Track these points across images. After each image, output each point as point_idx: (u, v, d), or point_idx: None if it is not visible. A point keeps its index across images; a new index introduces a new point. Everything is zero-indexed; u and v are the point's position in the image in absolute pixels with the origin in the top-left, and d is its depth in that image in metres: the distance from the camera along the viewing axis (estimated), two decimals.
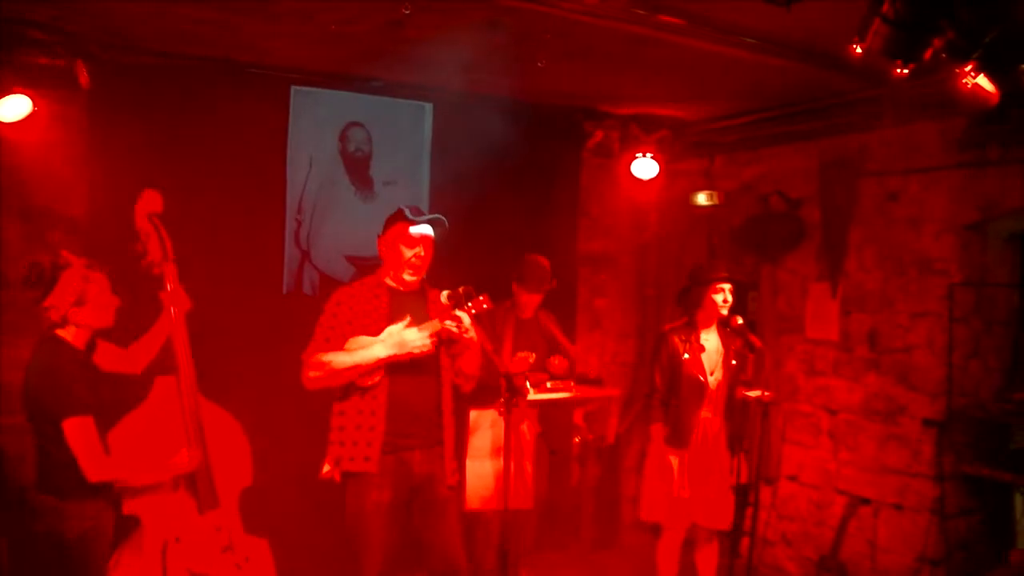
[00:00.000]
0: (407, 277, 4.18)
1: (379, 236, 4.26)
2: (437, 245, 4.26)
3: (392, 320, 4.08)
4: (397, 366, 4.02)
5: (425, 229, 4.16)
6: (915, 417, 5.58)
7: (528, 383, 5.14)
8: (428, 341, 4.02)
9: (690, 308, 5.24)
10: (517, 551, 5.31)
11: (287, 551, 4.40)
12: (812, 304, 6.29)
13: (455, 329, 3.99)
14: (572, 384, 5.49)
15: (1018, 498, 5.63)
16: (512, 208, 6.38)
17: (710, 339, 5.20)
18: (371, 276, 4.31)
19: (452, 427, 4.25)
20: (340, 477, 4.04)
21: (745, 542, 5.92)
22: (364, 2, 4.07)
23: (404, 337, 3.99)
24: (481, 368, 4.35)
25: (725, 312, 5.13)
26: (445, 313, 4.04)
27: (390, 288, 4.22)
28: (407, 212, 4.17)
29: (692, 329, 5.21)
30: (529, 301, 5.42)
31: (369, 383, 4.01)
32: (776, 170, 6.56)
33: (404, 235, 4.14)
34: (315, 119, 5.74)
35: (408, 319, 4.03)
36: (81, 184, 4.94)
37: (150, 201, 4.00)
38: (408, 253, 4.14)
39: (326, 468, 4.07)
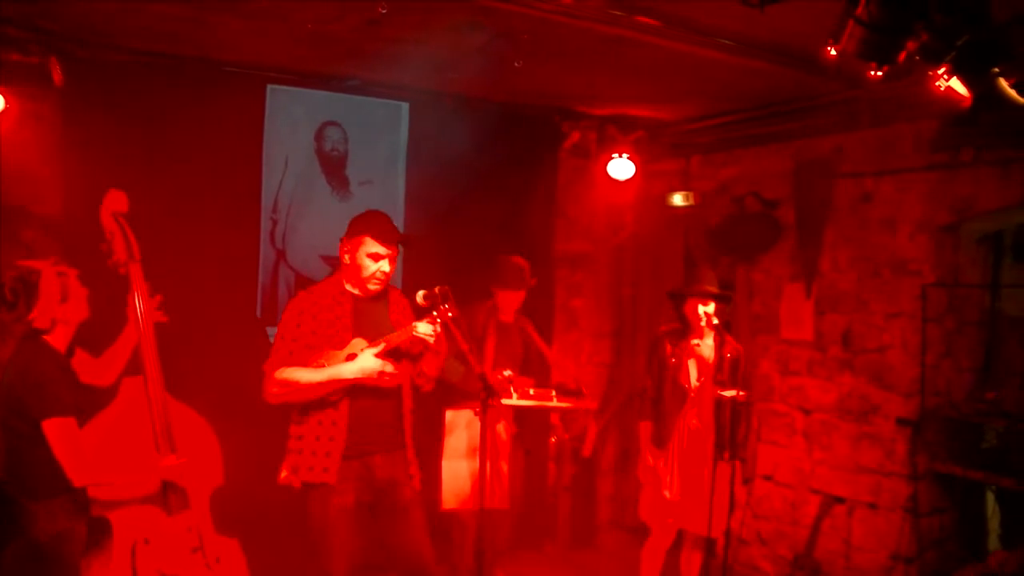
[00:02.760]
0: (372, 287, 4.14)
1: (342, 238, 4.17)
2: (416, 245, 4.25)
3: (357, 329, 4.06)
4: (363, 387, 4.01)
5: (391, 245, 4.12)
6: (889, 416, 5.62)
7: (512, 387, 5.13)
8: (395, 372, 4.02)
9: (679, 314, 5.27)
10: (493, 551, 5.31)
11: (259, 551, 4.38)
12: (787, 304, 6.32)
13: (431, 338, 3.99)
14: (552, 394, 5.50)
15: (990, 496, 5.68)
16: (489, 208, 6.38)
17: (702, 345, 5.20)
18: (330, 280, 4.22)
19: (411, 430, 4.24)
20: (300, 485, 4.02)
21: (721, 542, 5.94)
22: (341, 1, 4.05)
23: (377, 369, 3.96)
24: (442, 371, 4.37)
25: (704, 324, 5.13)
26: (411, 320, 4.05)
27: (353, 295, 4.16)
28: (374, 224, 4.12)
29: (684, 334, 5.23)
30: (509, 302, 5.40)
31: (333, 397, 3.99)
32: (752, 171, 6.59)
33: (370, 248, 4.07)
34: (291, 118, 5.72)
35: (382, 345, 4.00)
36: (55, 182, 4.89)
37: (115, 200, 3.96)
38: (373, 267, 4.09)
39: (283, 474, 4.05)
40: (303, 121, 5.79)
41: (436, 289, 3.99)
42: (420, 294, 4.04)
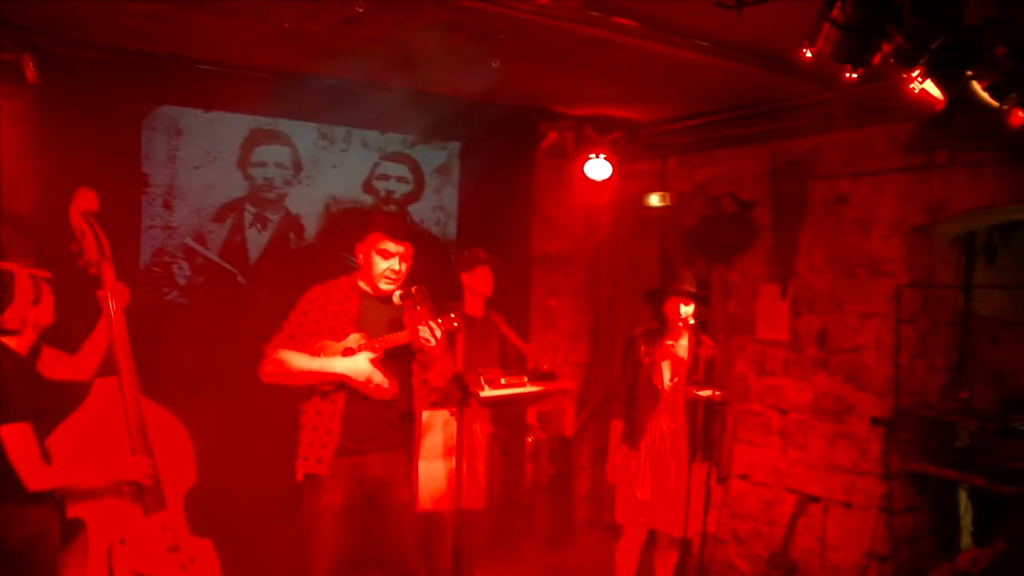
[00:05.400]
0: (383, 287, 4.11)
1: (355, 242, 4.18)
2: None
3: (361, 325, 4.04)
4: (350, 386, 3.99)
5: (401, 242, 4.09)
6: (863, 416, 5.66)
7: (482, 379, 5.13)
8: (387, 384, 4.00)
9: (656, 314, 5.27)
10: (470, 551, 5.30)
11: (232, 551, 4.34)
12: (762, 305, 6.35)
13: (429, 340, 3.95)
14: (526, 380, 5.48)
15: (962, 495, 5.74)
16: (466, 208, 6.39)
17: (676, 346, 5.20)
18: (347, 277, 4.22)
19: (419, 432, 4.22)
20: (301, 477, 4.03)
21: (697, 540, 5.96)
22: (318, 0, 4.04)
23: (367, 373, 3.94)
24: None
25: (682, 324, 5.11)
26: (418, 321, 4.01)
27: (363, 292, 4.16)
28: (384, 221, 4.12)
29: (660, 334, 5.22)
30: (478, 284, 5.40)
31: (330, 387, 3.98)
32: (728, 172, 6.62)
33: (381, 245, 4.07)
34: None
35: (376, 349, 3.98)
36: (28, 181, 4.84)
37: (85, 199, 3.90)
38: (383, 265, 4.07)
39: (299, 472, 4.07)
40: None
41: (413, 289, 3.98)
42: (397, 294, 4.03)
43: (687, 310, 5.09)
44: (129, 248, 5.11)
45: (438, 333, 3.97)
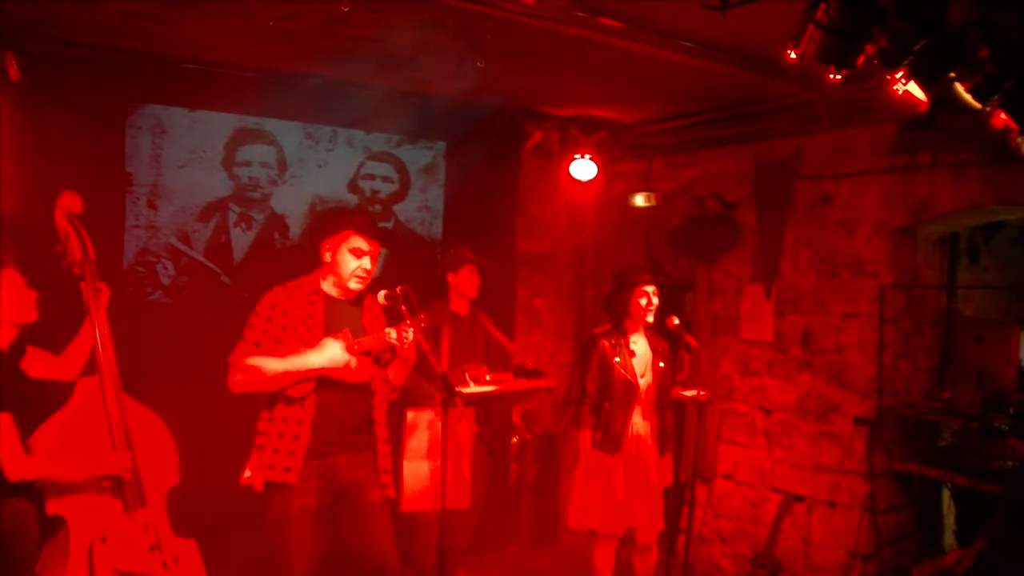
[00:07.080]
0: (352, 286, 4.03)
1: (323, 239, 4.08)
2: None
3: (328, 330, 3.96)
4: (328, 378, 3.92)
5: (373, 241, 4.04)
6: (847, 416, 5.68)
7: (468, 376, 5.13)
8: (360, 368, 3.95)
9: (617, 313, 5.21)
10: (455, 551, 5.30)
11: (216, 552, 4.33)
12: (747, 305, 6.36)
13: (397, 343, 3.91)
14: (511, 376, 5.48)
15: (945, 494, 5.77)
16: (451, 208, 6.37)
17: (638, 343, 5.20)
18: (307, 278, 4.10)
19: (385, 435, 4.17)
20: (262, 485, 3.93)
21: (681, 540, 5.98)
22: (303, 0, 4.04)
23: (344, 360, 3.89)
24: (410, 376, 4.31)
25: (651, 317, 5.12)
26: (383, 323, 3.98)
27: (327, 295, 4.06)
28: (357, 219, 4.06)
29: (621, 333, 5.19)
30: (464, 284, 5.40)
31: (299, 393, 3.89)
32: (712, 172, 6.63)
33: (353, 244, 3.99)
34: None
35: (347, 334, 3.93)
36: (12, 180, 4.81)
37: (69, 201, 3.89)
38: (354, 264, 3.99)
39: (247, 474, 3.97)
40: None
41: (398, 289, 3.95)
42: (381, 294, 3.99)
43: (654, 300, 5.09)
44: (113, 248, 5.09)
45: (410, 335, 3.93)
